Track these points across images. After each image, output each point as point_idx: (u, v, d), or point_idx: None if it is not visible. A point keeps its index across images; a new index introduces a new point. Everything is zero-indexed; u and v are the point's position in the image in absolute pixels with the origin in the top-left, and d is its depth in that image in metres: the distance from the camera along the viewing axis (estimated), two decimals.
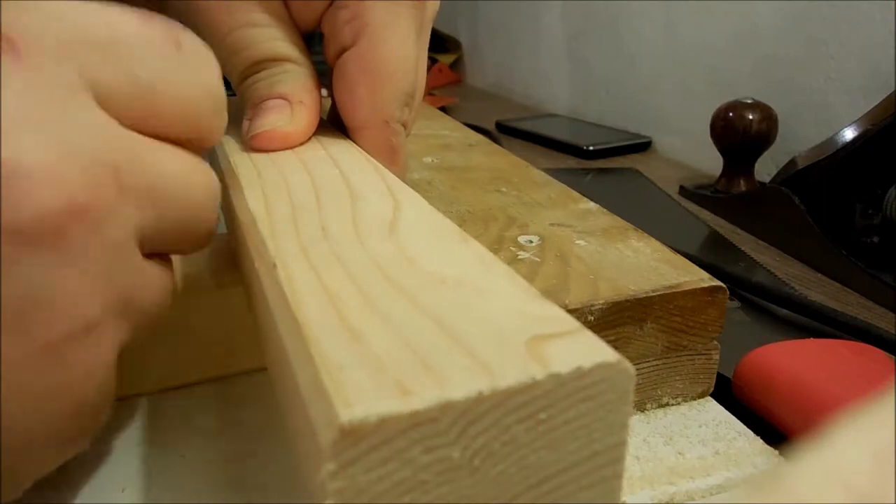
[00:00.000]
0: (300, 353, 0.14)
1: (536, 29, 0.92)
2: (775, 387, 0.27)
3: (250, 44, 0.27)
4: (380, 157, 0.27)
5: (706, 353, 0.27)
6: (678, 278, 0.26)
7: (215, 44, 0.28)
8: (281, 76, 0.28)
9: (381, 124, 0.28)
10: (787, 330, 0.35)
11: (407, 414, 0.11)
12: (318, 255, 0.17)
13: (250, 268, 0.20)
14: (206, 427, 0.25)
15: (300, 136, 0.27)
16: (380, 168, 0.25)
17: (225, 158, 0.27)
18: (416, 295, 0.15)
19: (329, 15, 0.28)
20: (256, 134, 0.27)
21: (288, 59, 0.28)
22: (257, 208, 0.21)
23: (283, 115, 0.27)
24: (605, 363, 0.13)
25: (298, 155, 0.26)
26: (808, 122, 0.56)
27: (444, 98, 0.93)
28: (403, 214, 0.20)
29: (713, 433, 0.26)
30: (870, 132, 0.42)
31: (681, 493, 0.23)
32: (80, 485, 0.22)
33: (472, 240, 0.18)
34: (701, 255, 0.38)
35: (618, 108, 0.78)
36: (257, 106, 0.27)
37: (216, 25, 0.27)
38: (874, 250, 0.42)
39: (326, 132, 0.29)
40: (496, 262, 0.17)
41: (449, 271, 0.16)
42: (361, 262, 0.17)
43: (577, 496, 0.14)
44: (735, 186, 0.54)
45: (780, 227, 0.46)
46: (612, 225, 0.32)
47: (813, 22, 0.54)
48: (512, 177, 0.39)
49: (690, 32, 0.67)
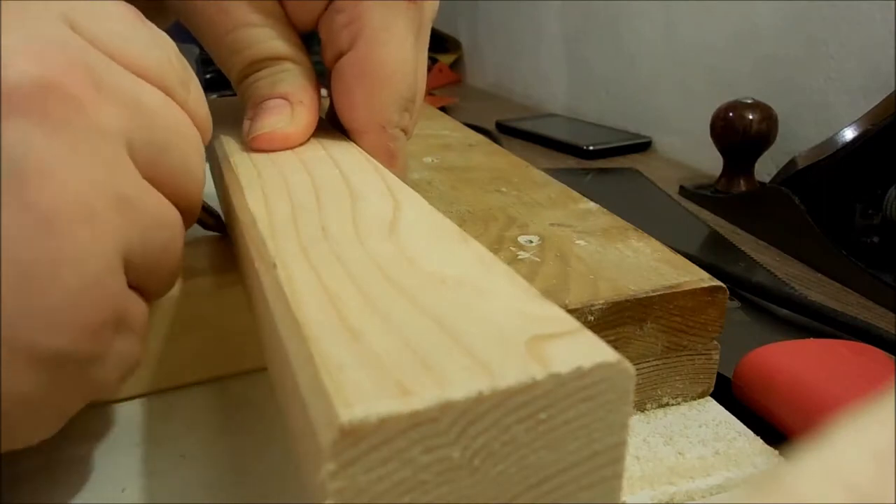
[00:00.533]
0: (300, 353, 0.14)
1: (536, 29, 0.92)
2: (775, 387, 0.27)
3: (250, 43, 0.27)
4: (378, 161, 0.27)
5: (706, 353, 0.27)
6: (678, 278, 0.26)
7: (214, 43, 0.28)
8: (281, 75, 0.28)
9: (378, 129, 0.28)
10: (787, 330, 0.35)
11: (407, 414, 0.11)
12: (318, 255, 0.17)
13: (250, 268, 0.20)
14: (206, 427, 0.25)
15: (300, 136, 0.27)
16: (380, 168, 0.25)
17: (225, 158, 0.27)
18: (416, 295, 0.15)
19: (326, 17, 0.28)
20: (257, 135, 0.27)
21: (287, 59, 0.28)
22: (257, 208, 0.21)
23: (283, 116, 0.27)
24: (606, 363, 0.13)
25: (298, 155, 0.26)
26: (808, 122, 0.56)
27: (444, 98, 0.93)
28: (403, 214, 0.20)
29: (713, 433, 0.26)
30: (870, 132, 0.42)
31: (681, 493, 0.23)
32: (80, 485, 0.22)
33: (472, 240, 0.18)
34: (701, 255, 0.38)
35: (618, 108, 0.78)
36: (258, 106, 0.27)
37: (215, 25, 0.27)
38: (874, 250, 0.42)
39: (326, 132, 0.29)
40: (496, 262, 0.17)
41: (449, 271, 0.16)
42: (361, 262, 0.17)
43: (577, 496, 0.14)
44: (735, 186, 0.54)
45: (780, 227, 0.46)
46: (612, 225, 0.32)
47: (813, 22, 0.54)
48: (512, 177, 0.39)
49: (690, 32, 0.67)
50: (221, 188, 0.28)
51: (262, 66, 0.28)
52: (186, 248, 0.25)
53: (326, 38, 0.28)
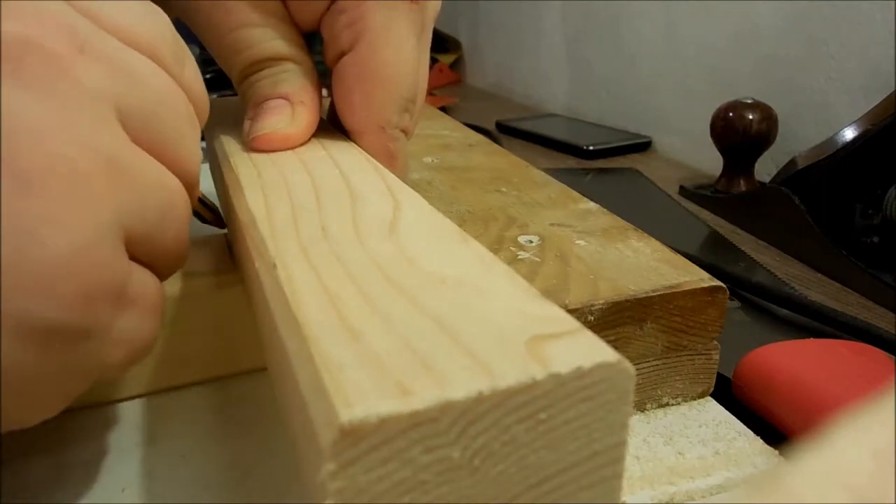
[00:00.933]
0: (300, 352, 0.14)
1: (537, 29, 0.92)
2: (775, 387, 0.27)
3: (252, 43, 0.27)
4: (378, 161, 0.27)
5: (706, 353, 0.27)
6: (678, 278, 0.26)
7: (216, 42, 0.28)
8: (282, 76, 0.28)
9: (377, 130, 0.28)
10: (787, 330, 0.35)
11: (407, 414, 0.11)
12: (318, 255, 0.17)
13: (250, 268, 0.20)
14: (206, 427, 0.25)
15: (301, 136, 0.27)
16: (380, 168, 0.25)
17: (225, 158, 0.27)
18: (416, 295, 0.15)
19: (328, 18, 0.28)
20: (257, 136, 0.27)
21: (289, 59, 0.28)
22: (257, 208, 0.21)
23: (283, 117, 0.27)
24: (605, 363, 0.13)
25: (298, 155, 0.26)
26: (809, 122, 0.56)
27: (444, 98, 0.93)
28: (403, 214, 0.20)
29: (713, 433, 0.26)
30: (870, 132, 0.42)
31: (681, 493, 0.23)
32: (80, 485, 0.22)
33: (472, 240, 0.18)
34: (701, 255, 0.38)
35: (618, 108, 0.78)
36: (259, 106, 0.27)
37: (216, 25, 0.27)
38: (874, 250, 0.42)
39: (326, 132, 0.30)
40: (496, 262, 0.17)
41: (449, 271, 0.16)
42: (361, 262, 0.17)
43: (578, 496, 0.14)
44: (735, 186, 0.54)
45: (780, 227, 0.46)
46: (612, 225, 0.32)
47: (813, 22, 0.54)
48: (512, 177, 0.39)
49: (691, 32, 0.67)
50: (221, 188, 0.28)
51: (263, 66, 0.28)
52: None
53: (328, 38, 0.28)
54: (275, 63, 0.28)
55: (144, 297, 0.19)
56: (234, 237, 0.25)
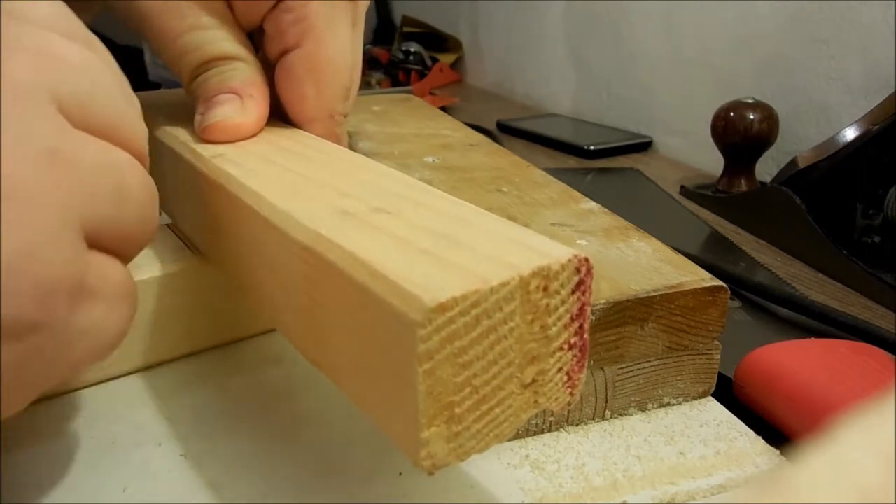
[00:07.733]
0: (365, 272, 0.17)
1: (537, 29, 0.92)
2: (776, 387, 0.27)
3: (200, 45, 0.28)
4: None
5: (707, 353, 0.27)
6: (679, 278, 0.26)
7: (167, 46, 0.29)
8: (230, 73, 0.28)
9: (326, 117, 0.30)
10: (788, 330, 0.35)
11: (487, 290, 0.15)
12: (351, 202, 0.20)
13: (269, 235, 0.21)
14: (206, 427, 0.25)
15: (251, 127, 0.28)
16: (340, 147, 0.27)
17: (182, 147, 0.27)
18: (449, 209, 0.19)
19: (273, 16, 0.29)
20: (209, 125, 0.27)
21: (237, 58, 0.29)
22: (257, 184, 0.22)
23: (234, 107, 0.28)
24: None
25: (257, 143, 0.27)
26: (809, 122, 0.56)
27: (444, 98, 0.93)
28: (405, 178, 0.23)
29: (714, 433, 0.26)
30: (870, 132, 0.42)
31: (682, 493, 0.23)
32: (81, 485, 0.22)
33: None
34: (702, 255, 0.38)
35: (618, 107, 0.78)
36: (209, 100, 0.28)
37: (165, 30, 0.28)
38: (875, 250, 0.42)
39: (274, 124, 0.30)
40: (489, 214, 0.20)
41: (455, 209, 0.20)
42: (389, 195, 0.21)
43: None
44: (736, 186, 0.54)
45: (781, 227, 0.46)
46: (614, 224, 0.32)
47: (814, 22, 0.54)
48: (513, 176, 0.39)
49: (691, 32, 0.67)
50: (177, 177, 0.28)
51: (212, 66, 0.29)
52: (170, 229, 0.28)
53: (272, 34, 0.29)
54: (224, 62, 0.29)
55: (107, 287, 0.19)
56: (241, 228, 0.24)
